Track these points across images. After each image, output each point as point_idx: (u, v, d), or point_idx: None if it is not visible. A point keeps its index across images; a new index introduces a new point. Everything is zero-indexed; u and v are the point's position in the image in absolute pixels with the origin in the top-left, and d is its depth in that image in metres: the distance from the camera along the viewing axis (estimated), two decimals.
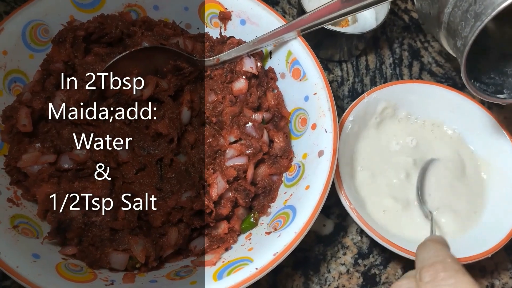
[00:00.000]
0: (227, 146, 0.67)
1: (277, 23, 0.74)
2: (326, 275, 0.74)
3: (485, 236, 0.70)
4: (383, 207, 0.74)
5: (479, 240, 0.70)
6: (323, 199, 0.61)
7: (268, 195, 0.68)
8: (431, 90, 0.81)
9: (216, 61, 0.71)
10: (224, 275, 0.57)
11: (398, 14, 1.03)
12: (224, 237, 0.65)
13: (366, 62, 0.95)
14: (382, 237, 0.67)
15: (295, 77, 0.73)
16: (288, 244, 0.58)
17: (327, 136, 0.66)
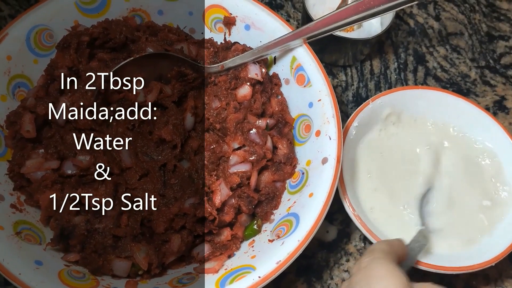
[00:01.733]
0: (231, 153, 0.67)
1: (282, 29, 0.73)
2: (329, 282, 0.73)
3: (489, 245, 0.70)
4: (387, 214, 0.73)
5: (483, 249, 0.69)
6: (327, 207, 0.61)
7: (271, 202, 0.68)
8: (437, 96, 0.80)
9: (221, 67, 0.71)
10: (226, 283, 0.57)
11: (404, 18, 1.02)
12: (227, 244, 0.65)
13: (371, 67, 0.95)
14: None
15: (300, 83, 0.72)
16: (291, 252, 0.58)
17: (331, 143, 0.65)
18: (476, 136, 0.80)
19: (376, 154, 0.78)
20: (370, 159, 0.77)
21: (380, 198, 0.74)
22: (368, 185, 0.75)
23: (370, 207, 0.73)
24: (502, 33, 1.03)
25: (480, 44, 1.01)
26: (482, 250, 0.69)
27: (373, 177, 0.76)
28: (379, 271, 0.53)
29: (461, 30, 1.02)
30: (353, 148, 0.76)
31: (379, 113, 0.78)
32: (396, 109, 0.79)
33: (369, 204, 0.74)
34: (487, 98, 0.94)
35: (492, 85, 0.96)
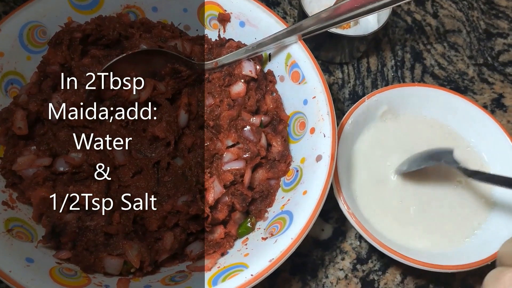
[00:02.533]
0: (225, 150, 0.66)
1: (276, 26, 0.73)
2: (324, 281, 0.73)
3: (485, 243, 0.69)
4: (382, 212, 0.73)
5: (480, 247, 0.69)
6: (320, 205, 0.60)
7: (265, 200, 0.68)
8: (433, 93, 0.79)
9: (215, 64, 0.70)
10: (219, 281, 0.56)
11: (401, 15, 1.02)
12: (220, 242, 0.64)
13: (368, 65, 0.94)
14: (380, 243, 0.66)
15: (294, 80, 0.72)
16: (284, 250, 0.57)
17: (325, 141, 0.65)
18: (472, 134, 0.79)
19: (372, 151, 0.77)
20: (366, 156, 0.77)
21: (376, 196, 0.74)
22: (363, 182, 0.75)
23: (365, 205, 0.73)
24: (500, 30, 1.02)
25: (478, 41, 1.00)
26: (479, 247, 0.69)
27: (369, 174, 0.75)
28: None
29: (459, 27, 1.02)
30: (349, 146, 0.76)
31: (375, 110, 0.78)
32: (392, 107, 0.79)
33: (364, 202, 0.73)
34: (485, 96, 0.93)
35: (490, 82, 0.95)
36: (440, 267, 0.65)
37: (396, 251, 0.65)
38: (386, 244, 0.66)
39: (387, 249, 0.66)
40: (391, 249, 0.66)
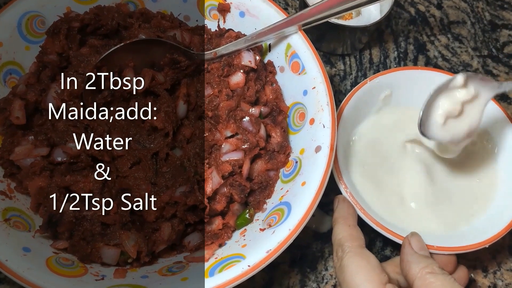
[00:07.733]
0: (223, 141, 0.66)
1: (277, 16, 0.72)
2: (323, 273, 0.73)
3: (486, 227, 0.68)
4: (384, 198, 0.71)
5: (480, 231, 0.68)
6: (319, 196, 0.59)
7: (264, 191, 0.67)
8: (438, 77, 0.76)
9: (214, 55, 0.70)
10: (216, 271, 0.56)
11: (404, 6, 1.00)
12: (218, 233, 0.64)
13: (370, 56, 0.93)
14: (383, 227, 0.65)
15: (294, 70, 0.71)
16: (281, 241, 0.57)
17: (325, 132, 0.64)
18: None
19: (372, 137, 0.76)
20: (367, 140, 0.76)
21: (377, 182, 0.73)
22: (364, 169, 0.73)
23: (367, 191, 0.71)
24: (506, 21, 1.01)
25: (483, 33, 0.99)
26: (479, 230, 0.68)
27: (370, 160, 0.74)
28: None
29: (463, 18, 1.00)
30: (347, 131, 0.74)
31: (377, 94, 0.76)
32: (394, 91, 0.77)
33: (365, 188, 0.72)
34: None
35: (495, 74, 0.94)
36: (449, 249, 0.64)
37: (397, 233, 0.64)
38: (390, 228, 0.65)
39: (391, 233, 0.64)
40: (394, 233, 0.64)
